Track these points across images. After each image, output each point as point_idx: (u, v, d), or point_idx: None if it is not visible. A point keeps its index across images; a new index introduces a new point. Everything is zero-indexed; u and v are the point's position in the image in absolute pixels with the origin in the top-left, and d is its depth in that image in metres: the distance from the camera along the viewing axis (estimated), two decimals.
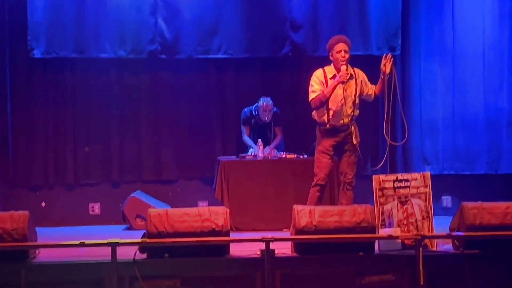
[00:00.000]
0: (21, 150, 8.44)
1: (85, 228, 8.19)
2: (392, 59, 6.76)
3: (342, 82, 6.75)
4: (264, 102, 8.10)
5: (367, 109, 7.54)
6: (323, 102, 6.79)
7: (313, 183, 6.89)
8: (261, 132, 8.23)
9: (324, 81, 6.85)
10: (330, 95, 6.77)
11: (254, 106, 8.20)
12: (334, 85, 6.75)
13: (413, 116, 8.70)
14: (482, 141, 8.61)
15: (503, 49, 8.54)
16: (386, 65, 6.72)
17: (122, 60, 8.45)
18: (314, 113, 6.98)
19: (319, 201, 6.81)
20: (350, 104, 6.85)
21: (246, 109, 8.28)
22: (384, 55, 6.78)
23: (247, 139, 8.28)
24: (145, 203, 7.99)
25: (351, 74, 6.81)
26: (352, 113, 6.85)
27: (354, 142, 6.83)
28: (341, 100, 6.78)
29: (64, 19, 8.24)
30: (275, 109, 8.22)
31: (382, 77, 6.79)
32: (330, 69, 6.91)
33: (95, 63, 8.44)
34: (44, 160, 8.47)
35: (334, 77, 6.82)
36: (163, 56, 8.40)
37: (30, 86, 8.47)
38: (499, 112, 8.61)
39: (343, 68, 6.74)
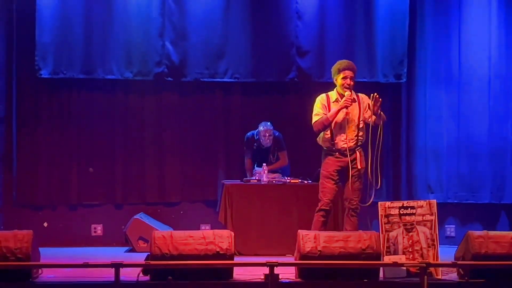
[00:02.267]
0: (26, 170, 8.43)
1: (87, 250, 8.18)
2: (380, 101, 6.72)
3: (346, 107, 6.77)
4: (264, 127, 8.11)
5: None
6: (326, 126, 6.82)
7: (318, 208, 6.87)
8: (263, 156, 8.23)
9: (326, 105, 6.88)
10: (333, 119, 6.79)
11: (256, 131, 8.21)
12: (337, 110, 6.77)
13: (417, 143, 8.70)
14: (487, 170, 8.59)
15: (509, 78, 8.56)
16: (373, 106, 6.68)
17: (128, 82, 8.48)
18: (318, 138, 6.99)
19: (324, 227, 6.78)
20: (353, 128, 6.86)
21: (249, 133, 8.30)
22: (372, 95, 6.73)
23: (246, 164, 8.29)
24: (148, 225, 7.96)
25: (354, 98, 6.82)
26: (356, 137, 6.85)
27: (359, 167, 6.81)
28: (345, 124, 6.80)
29: (72, 40, 8.28)
30: (276, 133, 8.22)
31: (374, 115, 6.73)
32: (333, 94, 6.94)
33: (101, 83, 8.47)
34: (48, 180, 8.46)
35: (336, 101, 6.85)
36: (170, 78, 8.42)
37: (36, 106, 8.48)
38: (503, 141, 8.61)
39: (347, 93, 6.76)
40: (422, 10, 8.63)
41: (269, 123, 8.16)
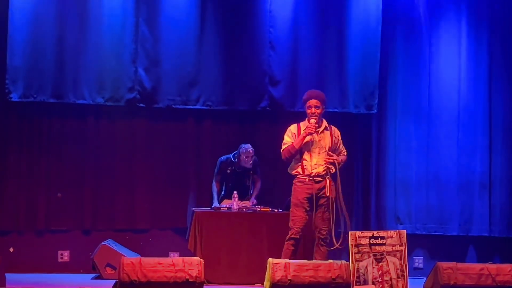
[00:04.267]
0: None
1: (53, 276, 8.05)
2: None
3: (310, 134, 6.83)
4: (246, 148, 8.11)
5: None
6: (292, 154, 6.89)
7: (288, 237, 6.88)
8: (240, 180, 8.23)
9: (296, 134, 6.97)
10: (299, 147, 6.86)
11: (233, 153, 8.21)
12: (302, 137, 6.88)
13: (387, 175, 8.75)
14: (455, 202, 8.67)
15: (478, 111, 8.70)
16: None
17: (99, 107, 8.43)
18: (289, 167, 7.03)
19: (293, 255, 6.78)
20: (323, 156, 6.91)
21: (223, 157, 8.29)
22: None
23: (214, 186, 8.27)
24: (116, 251, 7.87)
25: (326, 126, 6.91)
26: (325, 165, 6.89)
27: (327, 194, 6.84)
28: (315, 149, 6.86)
29: (43, 64, 8.21)
30: (255, 159, 8.24)
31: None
32: (305, 124, 7.02)
33: (72, 108, 8.40)
34: (15, 204, 8.32)
35: None
36: (142, 104, 8.39)
37: (5, 129, 8.38)
38: (471, 174, 8.70)
39: (312, 121, 6.86)
40: (394, 43, 8.75)
41: (249, 145, 8.16)
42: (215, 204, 8.10)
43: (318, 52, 8.61)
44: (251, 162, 8.13)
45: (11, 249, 8.33)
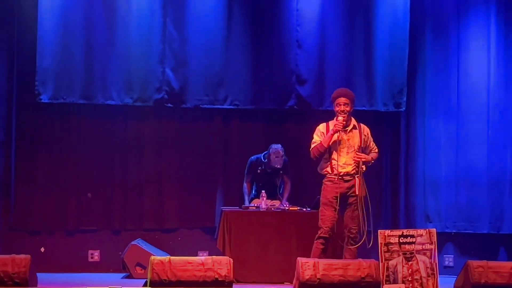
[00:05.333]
0: (23, 194, 8.39)
1: (84, 276, 8.11)
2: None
3: (337, 131, 6.80)
4: (276, 148, 8.10)
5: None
6: (321, 152, 6.86)
7: (317, 236, 6.86)
8: (270, 180, 8.23)
9: (325, 133, 6.94)
10: (328, 145, 6.84)
11: (264, 153, 8.21)
12: (330, 135, 6.84)
13: (416, 173, 8.71)
14: (485, 200, 8.59)
15: (508, 108, 8.59)
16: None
17: (128, 107, 8.48)
18: (319, 166, 7.01)
19: (323, 254, 6.76)
20: (352, 155, 6.88)
21: (253, 157, 8.29)
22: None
23: (245, 187, 8.27)
24: (145, 251, 7.92)
25: (354, 125, 6.87)
26: (355, 164, 6.86)
27: (357, 193, 6.81)
28: (342, 149, 6.83)
29: (72, 66, 8.28)
30: (285, 159, 8.23)
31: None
32: (333, 122, 6.98)
33: (101, 109, 8.47)
34: (46, 204, 8.42)
35: None
36: (169, 105, 8.43)
37: (35, 131, 8.47)
38: (502, 172, 8.61)
39: (340, 118, 6.82)
40: (422, 40, 8.70)
41: (279, 145, 8.15)
42: (246, 204, 8.11)
43: (346, 50, 8.58)
44: (281, 162, 8.12)
45: (42, 249, 8.42)
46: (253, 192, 8.31)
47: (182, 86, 8.43)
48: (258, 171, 8.23)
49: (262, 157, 8.22)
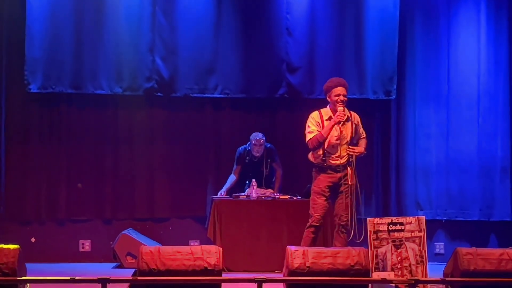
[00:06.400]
0: (14, 184, 8.37)
1: (75, 265, 8.12)
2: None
3: (339, 123, 6.78)
4: (255, 138, 8.11)
5: None
6: (321, 143, 6.83)
7: (308, 224, 6.86)
8: (256, 168, 8.22)
9: (320, 122, 6.89)
10: (327, 136, 6.80)
11: (248, 143, 8.21)
12: (331, 126, 6.79)
13: (407, 161, 8.71)
14: (476, 187, 8.61)
15: (498, 96, 8.61)
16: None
17: (118, 97, 8.45)
18: (310, 154, 7.00)
19: (314, 243, 6.78)
20: (345, 145, 6.87)
21: (241, 148, 8.30)
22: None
23: (230, 177, 8.26)
24: (136, 240, 7.92)
25: (347, 116, 6.85)
26: (347, 154, 6.86)
27: (350, 183, 6.81)
28: (337, 141, 6.81)
29: (61, 55, 8.26)
30: (268, 145, 8.22)
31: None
32: (326, 111, 6.96)
33: (91, 99, 8.44)
34: (37, 194, 8.40)
35: (330, 118, 6.87)
36: (160, 94, 8.41)
37: (25, 120, 8.45)
38: (492, 159, 8.63)
39: (340, 109, 6.78)
40: (412, 27, 8.68)
41: (260, 134, 8.16)
42: (221, 190, 8.11)
43: (336, 38, 8.56)
44: (261, 150, 8.10)
45: (33, 239, 8.41)
46: (247, 183, 8.28)
47: (172, 75, 8.40)
48: (246, 161, 8.23)
49: (247, 147, 8.22)
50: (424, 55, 8.67)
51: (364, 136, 7.10)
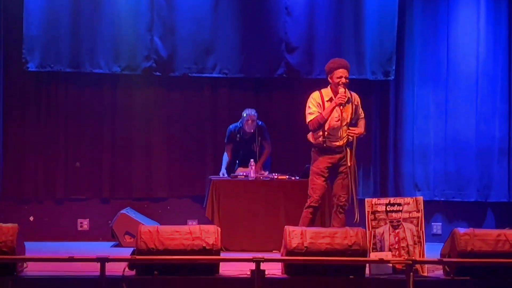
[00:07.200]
0: (12, 163, 8.38)
1: (73, 244, 8.14)
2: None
3: (340, 104, 6.75)
4: (249, 113, 8.10)
5: None
6: (321, 124, 6.80)
7: (307, 205, 6.87)
8: (247, 146, 8.22)
9: (321, 103, 6.86)
10: (328, 117, 6.77)
11: (239, 121, 8.20)
12: (332, 107, 6.76)
13: (405, 141, 8.72)
14: (473, 168, 8.62)
15: (497, 77, 8.59)
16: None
17: (116, 76, 8.44)
18: (309, 134, 6.98)
19: (312, 223, 6.79)
20: (345, 127, 6.86)
21: (231, 126, 8.30)
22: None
23: (224, 156, 8.27)
24: (134, 220, 7.93)
25: (348, 98, 6.82)
26: (347, 136, 6.85)
27: (349, 164, 6.80)
28: (337, 122, 6.80)
29: (59, 34, 8.24)
30: (260, 122, 8.22)
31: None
32: (327, 92, 6.91)
33: (89, 78, 8.42)
34: (35, 173, 8.41)
35: (330, 99, 6.83)
36: (158, 73, 8.40)
37: (22, 99, 8.43)
38: (490, 140, 8.63)
39: (342, 90, 6.74)
40: (411, 8, 8.65)
41: (253, 110, 8.14)
42: (222, 171, 8.13)
43: (335, 18, 8.53)
44: (253, 126, 8.09)
45: (31, 218, 8.43)
46: (237, 161, 8.29)
47: (171, 54, 8.38)
48: (237, 139, 8.22)
49: (239, 124, 8.21)
50: (423, 36, 8.65)
51: (363, 116, 7.08)
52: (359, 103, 7.02)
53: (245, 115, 8.12)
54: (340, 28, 8.54)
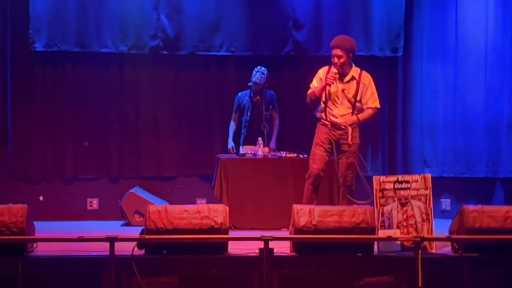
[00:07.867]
0: (21, 143, 8.41)
1: (83, 223, 8.19)
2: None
3: (328, 84, 6.74)
4: (259, 68, 8.13)
5: None
6: (313, 100, 6.86)
7: (306, 176, 6.87)
8: (257, 112, 8.20)
9: (323, 78, 6.85)
10: (320, 95, 6.78)
11: (249, 83, 8.18)
12: (322, 86, 6.82)
13: (414, 118, 8.69)
14: (482, 144, 8.59)
15: (506, 52, 8.52)
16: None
17: (123, 55, 8.43)
18: (316, 109, 7.00)
19: (314, 194, 6.79)
20: (347, 105, 6.83)
21: (240, 93, 8.29)
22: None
23: (231, 125, 8.27)
24: (143, 199, 7.96)
25: (352, 76, 6.78)
26: (349, 115, 6.81)
27: (350, 142, 6.77)
28: (337, 100, 6.79)
29: (66, 13, 8.22)
30: (272, 92, 8.23)
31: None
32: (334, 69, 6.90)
33: (96, 57, 8.42)
34: (43, 153, 8.44)
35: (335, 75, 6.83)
36: (165, 52, 8.38)
37: (30, 79, 8.44)
38: (499, 115, 8.58)
39: (333, 70, 6.74)
40: None
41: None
42: (230, 144, 8.14)
43: None
44: (264, 80, 8.08)
45: (41, 198, 8.48)
46: (243, 132, 8.27)
47: (177, 33, 8.35)
48: (247, 102, 8.19)
49: (249, 85, 8.17)
50: (432, 11, 8.58)
51: (372, 107, 6.93)
52: (369, 84, 6.91)
53: (255, 69, 8.12)
54: (348, 4, 8.50)
